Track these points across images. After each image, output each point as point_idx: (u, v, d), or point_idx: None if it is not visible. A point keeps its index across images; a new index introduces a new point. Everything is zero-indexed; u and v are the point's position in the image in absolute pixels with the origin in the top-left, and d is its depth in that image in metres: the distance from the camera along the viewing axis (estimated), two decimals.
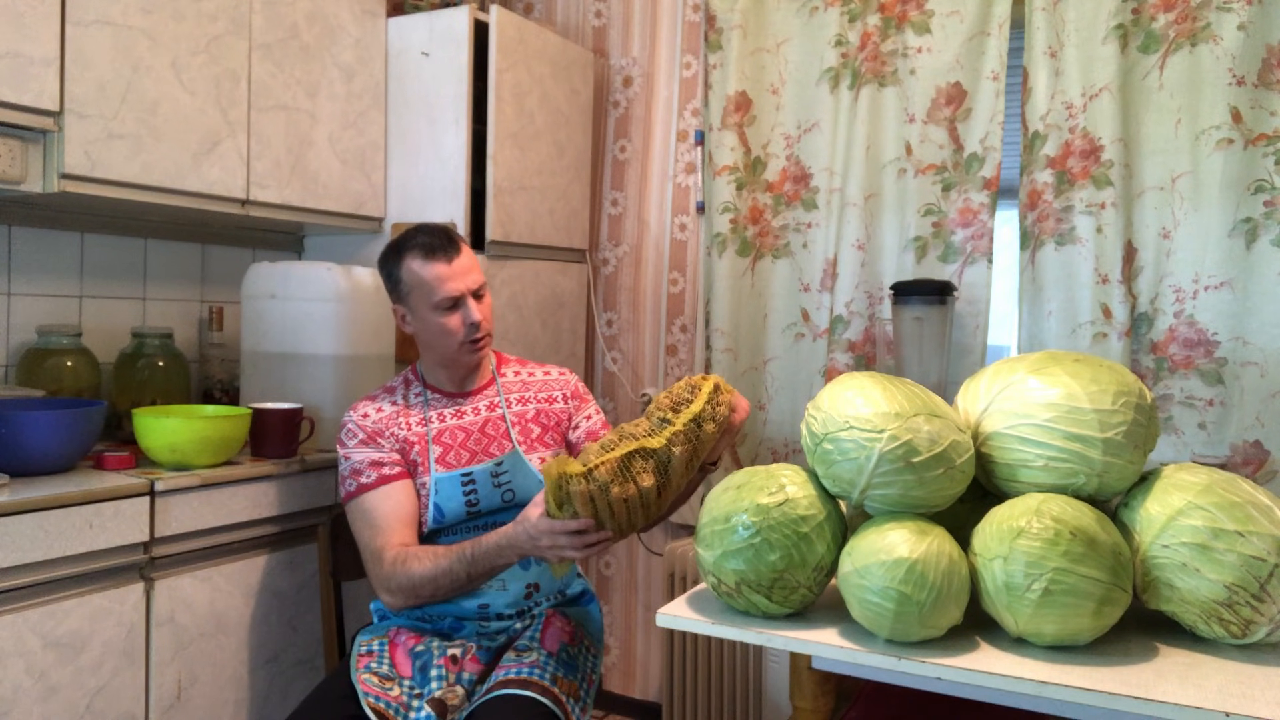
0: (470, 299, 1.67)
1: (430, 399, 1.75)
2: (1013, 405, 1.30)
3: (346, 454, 1.69)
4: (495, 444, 1.73)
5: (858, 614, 1.23)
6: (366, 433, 1.70)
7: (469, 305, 1.67)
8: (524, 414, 1.78)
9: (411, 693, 1.54)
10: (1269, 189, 2.01)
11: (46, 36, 1.76)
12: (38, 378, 2.01)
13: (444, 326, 1.67)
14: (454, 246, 1.67)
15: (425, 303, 1.67)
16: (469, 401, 1.76)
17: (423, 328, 1.70)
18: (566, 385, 1.83)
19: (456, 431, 1.72)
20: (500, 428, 1.74)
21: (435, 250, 1.66)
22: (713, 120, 2.59)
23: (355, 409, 1.74)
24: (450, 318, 1.67)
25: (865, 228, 2.39)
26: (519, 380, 1.82)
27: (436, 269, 1.65)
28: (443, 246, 1.66)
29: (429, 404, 1.75)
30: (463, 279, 1.67)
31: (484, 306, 1.71)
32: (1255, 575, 1.15)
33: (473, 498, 1.67)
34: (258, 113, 2.16)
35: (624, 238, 2.89)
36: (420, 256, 1.66)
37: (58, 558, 1.61)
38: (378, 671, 1.56)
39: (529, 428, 1.77)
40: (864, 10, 2.40)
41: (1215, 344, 2.06)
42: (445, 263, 1.66)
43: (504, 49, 2.44)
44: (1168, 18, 2.09)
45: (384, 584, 1.59)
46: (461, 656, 1.58)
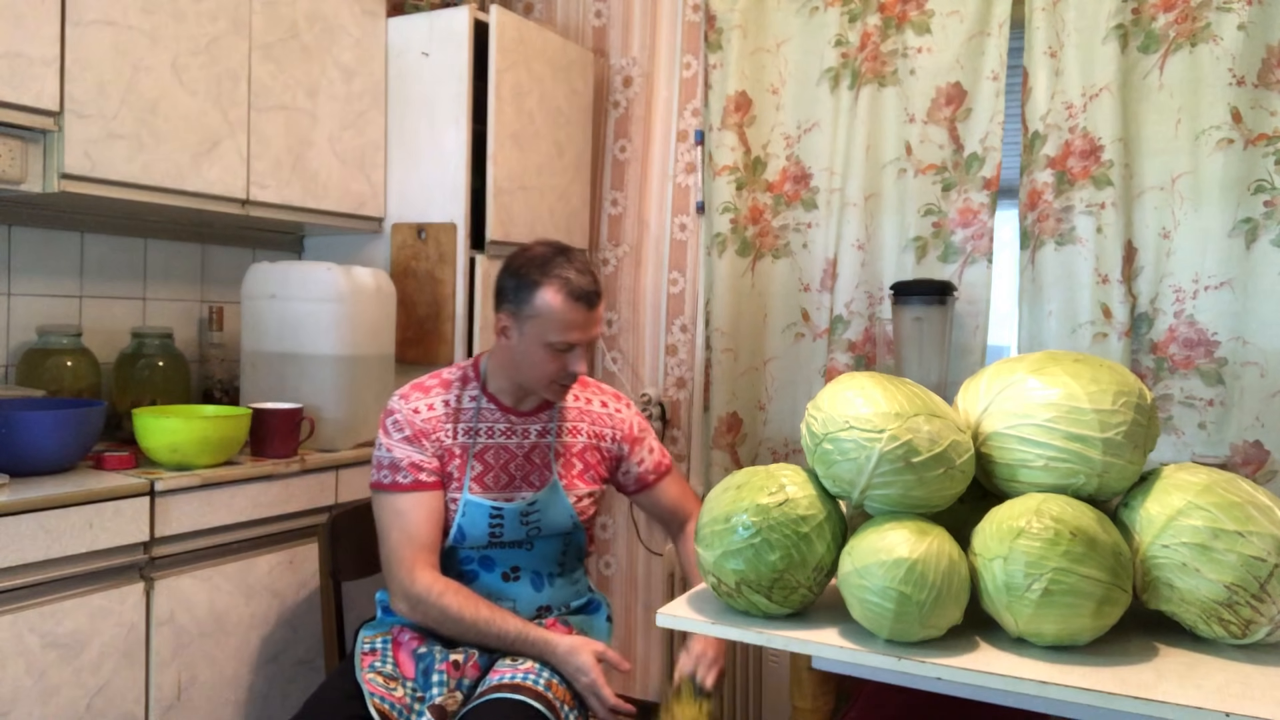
0: (582, 349, 1.62)
1: (483, 408, 1.69)
2: (1013, 405, 1.30)
3: (389, 445, 1.64)
4: (536, 473, 1.68)
5: (858, 614, 1.23)
6: (414, 430, 1.64)
7: (578, 354, 1.61)
8: (571, 445, 1.72)
9: (414, 695, 1.54)
10: (1269, 189, 2.01)
11: (46, 36, 1.76)
12: (38, 378, 2.01)
13: (544, 362, 1.60)
14: (598, 296, 1.60)
15: (540, 335, 1.58)
16: (523, 422, 1.70)
17: (521, 351, 1.62)
18: (621, 425, 1.77)
19: (500, 452, 1.67)
20: (544, 456, 1.70)
21: (581, 296, 1.57)
22: (713, 120, 2.59)
23: (407, 398, 1.67)
24: (555, 359, 1.60)
25: (865, 228, 2.39)
26: (576, 408, 1.76)
27: (574, 314, 1.57)
28: (589, 295, 1.58)
29: (480, 414, 1.68)
30: (589, 330, 1.61)
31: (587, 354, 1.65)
32: (1255, 575, 1.15)
33: (497, 530, 1.65)
34: (258, 113, 2.16)
35: (624, 238, 2.89)
36: (563, 293, 1.56)
37: (58, 558, 1.61)
38: (381, 671, 1.56)
39: (572, 461, 1.72)
40: (864, 10, 2.40)
41: (1215, 344, 2.06)
42: (588, 309, 1.59)
43: (504, 49, 2.44)
44: (1168, 18, 2.09)
45: (406, 594, 1.57)
46: (464, 663, 1.57)
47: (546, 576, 1.70)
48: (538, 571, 1.69)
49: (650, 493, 1.81)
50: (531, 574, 1.69)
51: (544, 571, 1.70)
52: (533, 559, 1.69)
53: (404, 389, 1.70)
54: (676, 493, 1.83)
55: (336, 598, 1.84)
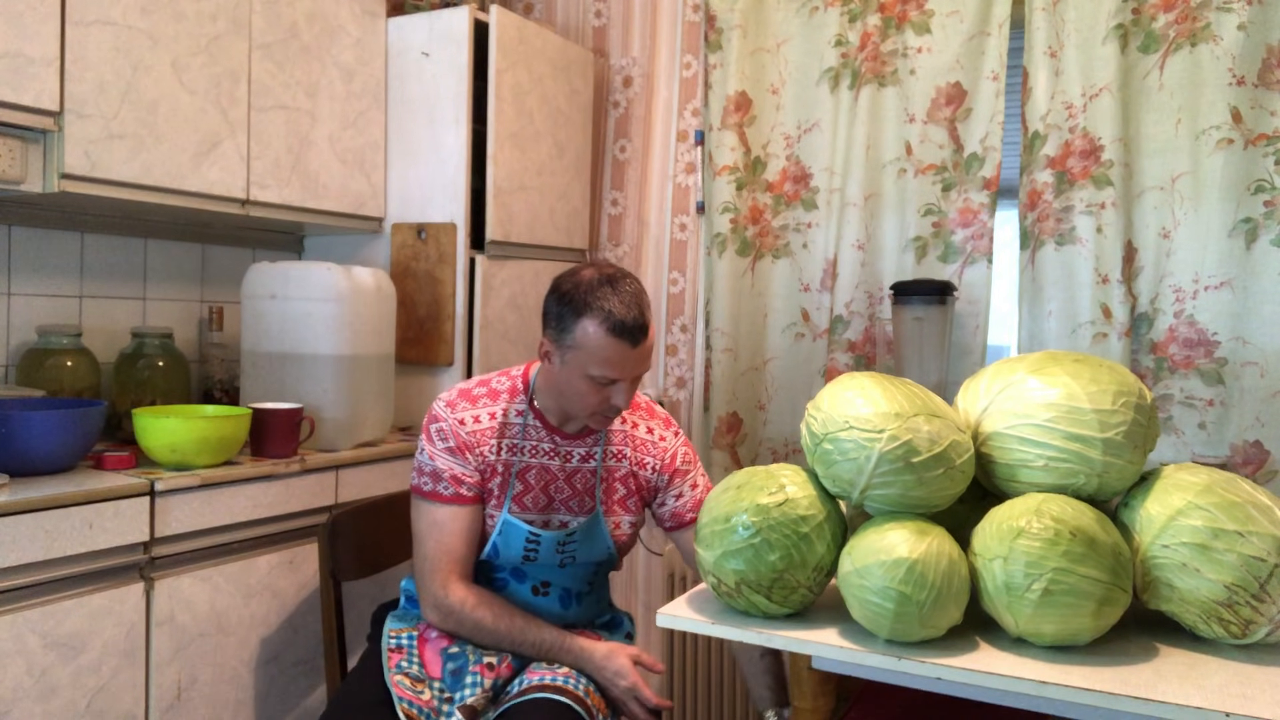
0: (628, 384, 1.53)
1: (529, 425, 1.63)
2: (1013, 405, 1.30)
3: (432, 453, 1.60)
4: (577, 499, 1.64)
5: (858, 614, 1.23)
6: (459, 442, 1.59)
7: (622, 388, 1.52)
8: (614, 470, 1.67)
9: (441, 696, 1.52)
10: (1269, 189, 2.01)
11: (46, 36, 1.76)
12: (38, 378, 2.01)
13: (586, 394, 1.53)
14: (644, 332, 1.50)
15: (581, 366, 1.50)
16: (567, 444, 1.64)
17: (564, 379, 1.54)
18: (664, 455, 1.69)
19: (543, 473, 1.63)
20: (588, 482, 1.65)
21: (625, 332, 1.47)
22: (713, 120, 2.59)
23: (454, 407, 1.61)
24: (597, 391, 1.52)
25: (865, 228, 2.39)
26: (622, 432, 1.68)
27: (616, 350, 1.48)
28: (633, 331, 1.48)
29: (526, 431, 1.63)
30: (634, 366, 1.51)
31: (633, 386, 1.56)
32: (1255, 575, 1.15)
33: (532, 554, 1.62)
34: (258, 113, 2.16)
35: (624, 238, 2.89)
36: (605, 327, 1.47)
37: (58, 558, 1.61)
38: (408, 672, 1.54)
39: (614, 487, 1.67)
40: (864, 10, 2.40)
41: (1215, 344, 2.06)
42: (630, 346, 1.48)
43: (504, 49, 2.44)
44: (1168, 18, 2.09)
45: (438, 604, 1.56)
46: (498, 664, 1.56)
47: (575, 595, 1.68)
48: (567, 589, 1.67)
49: (681, 534, 1.70)
50: (561, 590, 1.67)
51: (574, 590, 1.68)
52: (564, 576, 1.67)
53: (450, 395, 1.64)
54: None
55: (336, 598, 1.84)
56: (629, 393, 1.53)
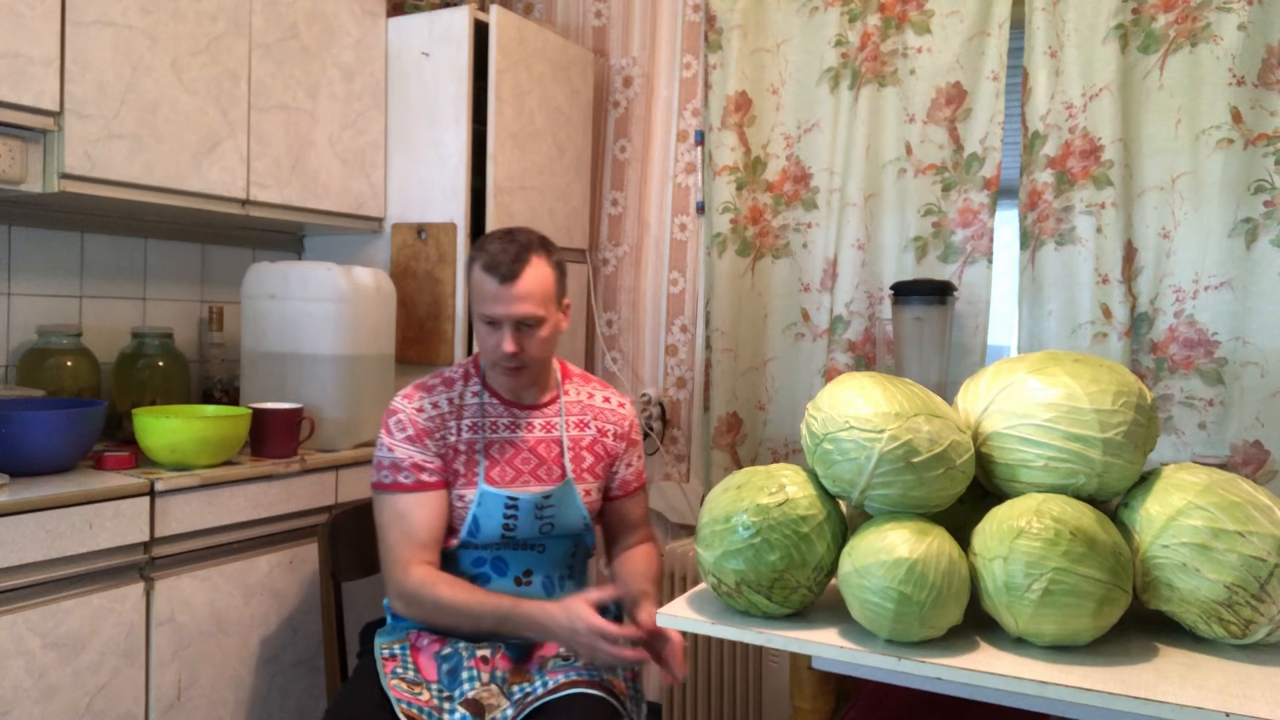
0: (510, 327, 1.59)
1: (486, 403, 1.69)
2: (1013, 405, 1.30)
3: (391, 445, 1.64)
4: (545, 468, 1.68)
5: (858, 614, 1.23)
6: (417, 429, 1.64)
7: (505, 334, 1.59)
8: (580, 440, 1.72)
9: (441, 695, 1.52)
10: (1269, 189, 2.01)
11: (46, 36, 1.76)
12: (38, 378, 2.01)
13: (484, 338, 1.63)
14: (514, 271, 1.57)
15: (477, 309, 1.62)
16: (526, 415, 1.70)
17: (475, 329, 1.66)
18: (622, 423, 1.77)
19: (507, 446, 1.67)
20: (554, 451, 1.69)
21: (493, 268, 1.58)
22: (713, 120, 2.59)
23: (410, 398, 1.67)
24: (487, 334, 1.62)
25: (865, 228, 2.39)
26: (579, 402, 1.75)
27: (490, 286, 1.59)
28: (501, 266, 1.57)
29: (484, 409, 1.69)
30: (507, 305, 1.58)
31: (530, 340, 1.61)
32: (1255, 575, 1.15)
33: (511, 523, 1.64)
34: (258, 113, 2.16)
35: (624, 238, 2.89)
36: (481, 265, 1.60)
37: (58, 558, 1.61)
38: (404, 677, 1.54)
39: (582, 455, 1.72)
40: (864, 10, 2.40)
41: (1215, 344, 2.06)
42: (496, 282, 1.58)
43: (504, 49, 2.44)
44: (1168, 18, 2.09)
45: (401, 592, 1.58)
46: (492, 656, 1.56)
47: (558, 580, 1.70)
48: (549, 575, 1.69)
49: (619, 504, 1.78)
50: (544, 577, 1.68)
51: (555, 575, 1.70)
52: (545, 562, 1.68)
53: (407, 389, 1.70)
54: (640, 514, 1.80)
55: (336, 598, 1.84)
56: (517, 339, 1.59)
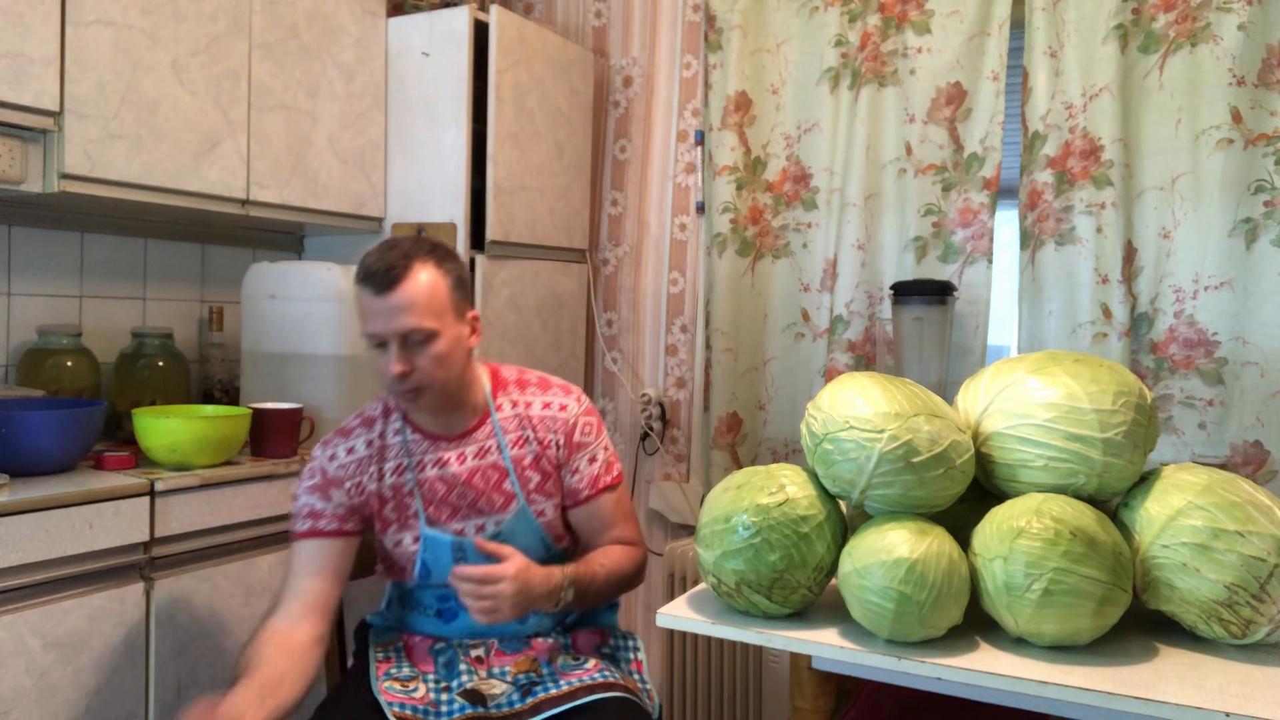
0: (395, 345, 1.40)
1: (410, 441, 1.54)
2: (1013, 405, 1.30)
3: (295, 493, 1.53)
4: (485, 498, 1.53)
5: (858, 614, 1.23)
6: (324, 479, 1.52)
7: (391, 351, 1.41)
8: (522, 458, 1.55)
9: (439, 686, 1.49)
10: (1269, 189, 2.01)
11: (46, 36, 1.76)
12: (38, 378, 2.01)
13: (374, 362, 1.45)
14: (389, 280, 1.39)
15: (361, 331, 1.45)
16: (456, 447, 1.53)
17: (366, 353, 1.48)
18: (565, 426, 1.56)
19: (438, 484, 1.52)
20: (494, 478, 1.53)
21: (368, 278, 1.40)
22: (713, 120, 2.59)
23: (327, 445, 1.55)
24: (376, 356, 1.44)
25: (865, 228, 2.39)
26: (515, 416, 1.56)
27: (367, 300, 1.41)
28: (376, 276, 1.39)
29: (409, 448, 1.54)
30: (387, 319, 1.39)
31: (423, 358, 1.42)
32: (1255, 575, 1.15)
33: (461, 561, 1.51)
34: (258, 113, 2.16)
35: (624, 238, 2.89)
36: (358, 279, 1.42)
37: (58, 558, 1.61)
38: (398, 676, 1.50)
39: (528, 475, 1.55)
40: (864, 10, 2.40)
41: (1215, 344, 2.06)
42: (372, 294, 1.40)
43: (504, 49, 2.44)
44: (1168, 18, 2.09)
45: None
46: (486, 655, 1.53)
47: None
48: None
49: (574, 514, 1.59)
50: None
51: None
52: None
53: (328, 435, 1.58)
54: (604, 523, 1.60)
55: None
56: (406, 358, 1.40)
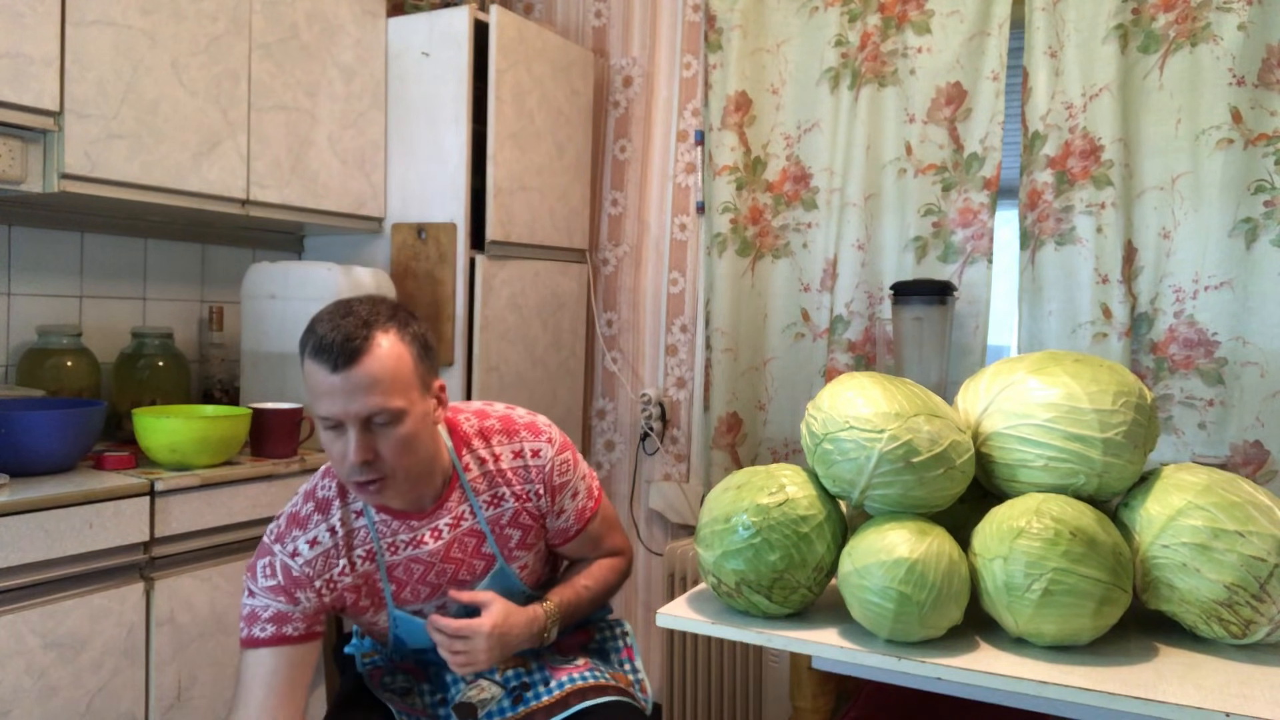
0: (356, 428, 1.23)
1: (377, 524, 1.37)
2: (1013, 405, 1.30)
3: (252, 590, 1.33)
4: (466, 566, 1.41)
5: (858, 614, 1.23)
6: (288, 579, 1.33)
7: (350, 436, 1.23)
8: (499, 517, 1.42)
9: (434, 698, 1.48)
10: (1269, 189, 2.01)
11: (46, 36, 1.76)
12: (38, 378, 2.01)
13: (327, 447, 1.27)
14: (348, 354, 1.21)
15: (312, 411, 1.27)
16: (429, 522, 1.38)
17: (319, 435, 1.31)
18: (541, 474, 1.43)
19: (414, 565, 1.38)
20: (469, 544, 1.41)
21: (321, 351, 1.21)
22: (713, 120, 2.59)
23: (284, 539, 1.35)
24: (331, 440, 1.26)
25: (865, 228, 2.39)
26: (484, 474, 1.42)
27: (320, 378, 1.22)
28: (331, 350, 1.21)
29: (376, 532, 1.37)
30: (346, 400, 1.21)
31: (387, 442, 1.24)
32: (1255, 575, 1.15)
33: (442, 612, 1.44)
34: (258, 113, 2.16)
35: (624, 238, 2.89)
36: (310, 351, 1.23)
37: (58, 558, 1.61)
38: (392, 688, 1.48)
39: (507, 535, 1.43)
40: (864, 10, 2.40)
41: (1215, 344, 2.06)
42: (328, 371, 1.21)
43: (504, 49, 2.44)
44: (1168, 18, 2.09)
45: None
46: None
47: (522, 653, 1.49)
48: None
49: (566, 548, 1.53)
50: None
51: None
52: None
53: (280, 524, 1.38)
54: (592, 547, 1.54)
55: None
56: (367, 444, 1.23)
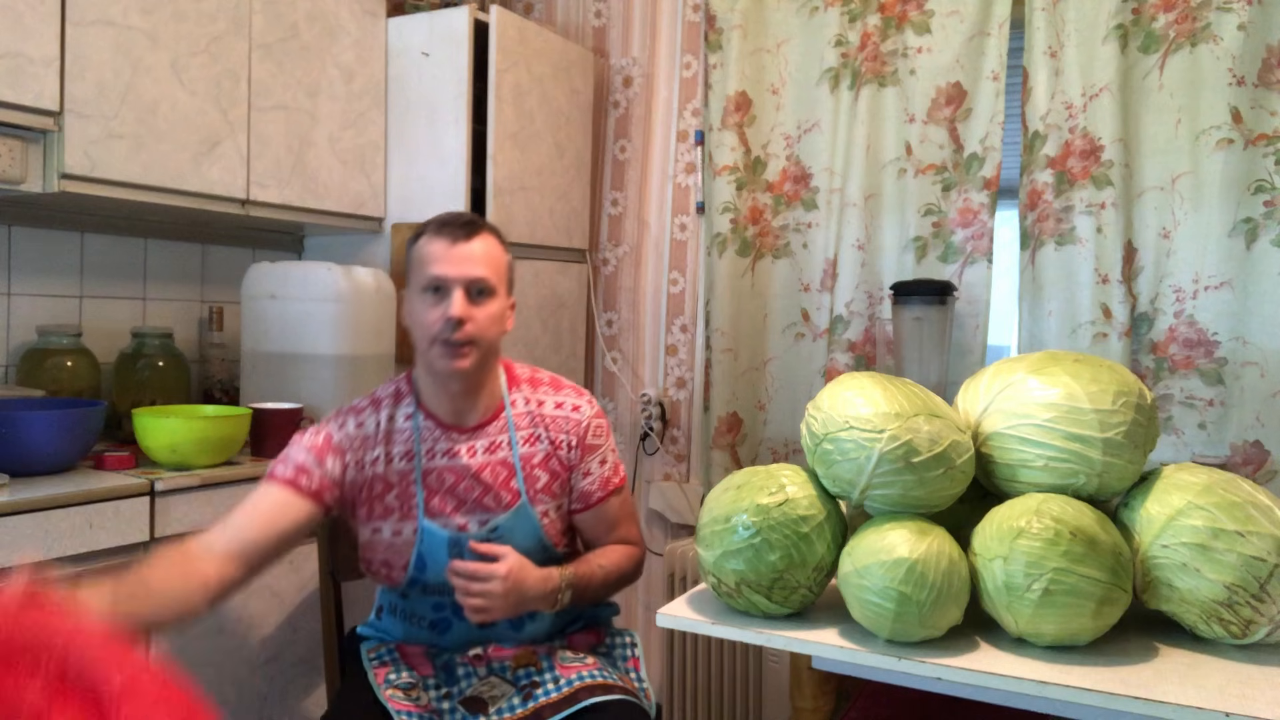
0: (460, 291, 1.42)
1: (422, 428, 1.51)
2: (1013, 405, 1.30)
3: (293, 443, 1.49)
4: (493, 494, 1.50)
5: (858, 614, 1.23)
6: (327, 444, 1.48)
7: (454, 297, 1.42)
8: (532, 456, 1.53)
9: (440, 693, 1.47)
10: (1269, 189, 2.01)
11: (46, 36, 1.76)
12: (38, 378, 2.01)
13: (421, 315, 1.44)
14: (468, 231, 1.45)
15: (418, 282, 1.46)
16: (468, 439, 1.51)
17: (409, 316, 1.49)
18: (576, 429, 1.56)
19: (447, 474, 1.50)
20: (502, 475, 1.51)
21: (445, 229, 1.45)
22: (713, 120, 2.59)
23: (338, 417, 1.53)
24: (429, 307, 1.43)
25: (865, 228, 2.39)
26: (529, 413, 1.56)
27: (439, 247, 1.44)
28: (455, 227, 1.45)
29: (420, 435, 1.51)
30: (459, 264, 1.43)
31: (482, 310, 1.44)
32: (1255, 575, 1.15)
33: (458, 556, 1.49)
34: (258, 113, 2.16)
35: (624, 238, 2.89)
36: (428, 232, 1.47)
37: (58, 558, 1.61)
38: (398, 684, 1.47)
39: (536, 475, 1.53)
40: (864, 10, 2.40)
41: (1215, 344, 2.06)
42: (447, 242, 1.44)
43: (504, 49, 2.44)
44: (1168, 18, 2.09)
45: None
46: (484, 652, 1.51)
47: (526, 615, 1.53)
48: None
49: (582, 518, 1.58)
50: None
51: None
52: None
53: (339, 409, 1.56)
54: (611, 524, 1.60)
55: (336, 598, 1.84)
56: (467, 307, 1.42)
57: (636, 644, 1.66)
